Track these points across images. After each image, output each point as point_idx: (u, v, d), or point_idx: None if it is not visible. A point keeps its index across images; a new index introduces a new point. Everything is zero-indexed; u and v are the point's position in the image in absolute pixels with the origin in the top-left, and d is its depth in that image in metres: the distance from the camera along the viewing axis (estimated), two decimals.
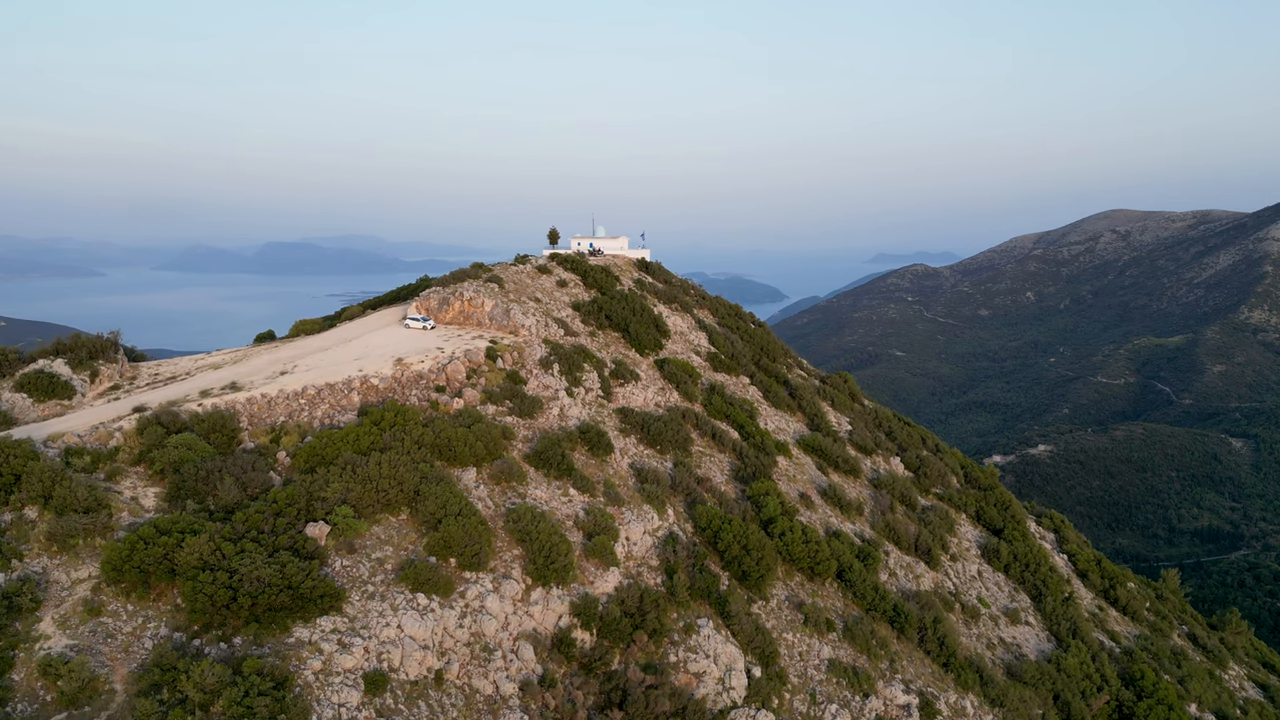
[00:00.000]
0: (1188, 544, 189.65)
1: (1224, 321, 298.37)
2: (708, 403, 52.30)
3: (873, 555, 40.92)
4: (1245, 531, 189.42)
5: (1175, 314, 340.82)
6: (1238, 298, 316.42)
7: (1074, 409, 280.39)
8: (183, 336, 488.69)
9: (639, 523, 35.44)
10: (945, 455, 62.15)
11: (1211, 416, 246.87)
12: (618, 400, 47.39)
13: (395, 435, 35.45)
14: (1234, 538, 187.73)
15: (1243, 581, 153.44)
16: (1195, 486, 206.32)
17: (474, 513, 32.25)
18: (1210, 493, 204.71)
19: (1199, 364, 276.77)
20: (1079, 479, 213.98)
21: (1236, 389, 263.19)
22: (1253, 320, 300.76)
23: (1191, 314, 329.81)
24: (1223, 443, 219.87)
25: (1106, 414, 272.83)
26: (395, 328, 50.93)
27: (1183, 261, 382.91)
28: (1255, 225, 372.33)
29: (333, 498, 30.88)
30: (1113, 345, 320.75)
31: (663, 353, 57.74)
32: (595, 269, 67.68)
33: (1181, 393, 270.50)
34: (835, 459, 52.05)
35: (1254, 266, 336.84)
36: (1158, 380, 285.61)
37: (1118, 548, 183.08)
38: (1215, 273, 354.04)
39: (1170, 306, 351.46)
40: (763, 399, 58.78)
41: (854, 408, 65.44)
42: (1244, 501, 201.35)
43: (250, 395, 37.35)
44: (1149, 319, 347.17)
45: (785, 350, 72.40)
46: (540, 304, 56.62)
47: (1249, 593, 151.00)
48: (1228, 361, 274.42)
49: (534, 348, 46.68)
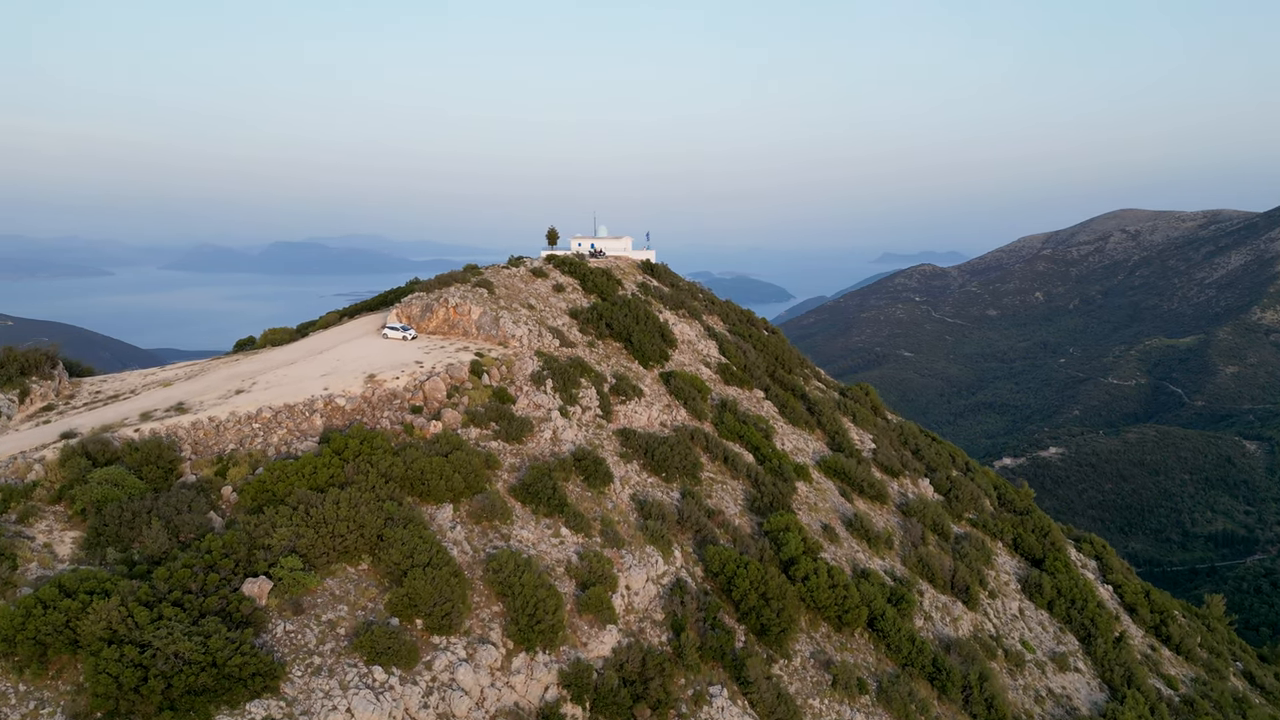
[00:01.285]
0: (1201, 548, 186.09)
1: (1236, 322, 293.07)
2: (719, 421, 48.06)
3: (907, 598, 36.25)
4: (1260, 536, 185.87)
5: (1186, 314, 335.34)
6: (1249, 298, 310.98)
7: (1084, 410, 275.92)
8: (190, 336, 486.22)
9: (641, 568, 30.72)
10: (976, 475, 57.30)
11: (1224, 418, 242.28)
12: (618, 420, 42.75)
13: (359, 467, 30.74)
14: (1248, 542, 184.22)
15: (1259, 588, 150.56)
16: (1209, 490, 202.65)
17: (447, 561, 27.51)
18: (1224, 496, 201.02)
19: (1211, 365, 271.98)
20: (1091, 482, 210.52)
21: (1249, 390, 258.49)
22: (1265, 321, 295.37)
23: (1203, 314, 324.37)
24: (1236, 445, 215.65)
25: (1117, 416, 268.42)
26: (373, 338, 46.35)
27: (1193, 261, 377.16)
28: (1267, 225, 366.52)
29: (279, 545, 26.13)
30: (1123, 346, 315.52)
31: (669, 364, 53.40)
32: (595, 272, 63.11)
33: (1194, 394, 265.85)
34: (860, 483, 47.74)
35: (1266, 266, 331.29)
36: (1169, 381, 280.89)
37: (1130, 552, 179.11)
38: (1226, 273, 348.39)
39: (1181, 307, 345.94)
40: (779, 415, 54.49)
41: (877, 423, 60.82)
42: (1258, 505, 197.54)
43: (196, 419, 32.67)
44: (1159, 319, 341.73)
45: (801, 360, 67.59)
46: (534, 311, 52.30)
47: (1265, 599, 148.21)
48: (1240, 363, 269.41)
49: (525, 361, 42.16)
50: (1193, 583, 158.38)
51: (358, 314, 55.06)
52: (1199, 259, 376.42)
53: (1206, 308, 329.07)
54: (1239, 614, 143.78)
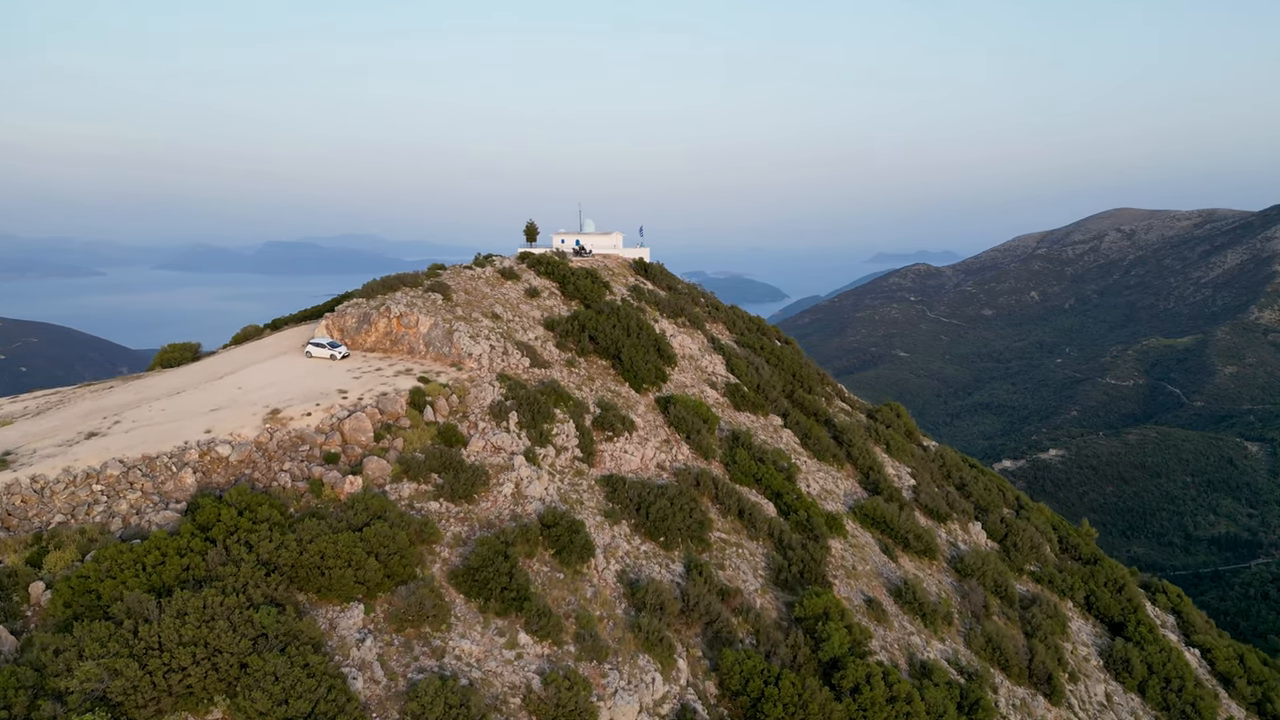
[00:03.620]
0: (1204, 552, 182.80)
1: (1234, 322, 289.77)
2: (730, 460, 39.14)
3: (982, 702, 27.86)
4: (1264, 539, 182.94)
5: (1183, 314, 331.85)
6: (1247, 297, 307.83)
7: (1083, 411, 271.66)
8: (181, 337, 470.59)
9: (631, 692, 21.98)
10: (1030, 513, 48.96)
11: (1224, 419, 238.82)
12: (603, 462, 33.97)
13: (231, 551, 21.51)
14: (1252, 545, 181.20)
15: (1266, 594, 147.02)
16: (1211, 492, 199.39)
17: (345, 702, 18.29)
18: (1226, 498, 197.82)
19: (1210, 365, 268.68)
20: (1092, 484, 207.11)
21: (1249, 391, 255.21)
22: (1263, 320, 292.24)
23: (1200, 314, 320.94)
24: (1238, 447, 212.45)
25: (1116, 416, 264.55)
26: (294, 356, 37.31)
27: (1189, 261, 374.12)
28: (1262, 224, 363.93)
29: (80, 690, 16.84)
30: (1120, 346, 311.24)
31: (667, 385, 44.69)
32: (578, 273, 54.80)
33: (1192, 394, 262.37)
34: (905, 534, 39.70)
35: (1263, 266, 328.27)
36: (1167, 382, 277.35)
37: (1133, 556, 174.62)
38: (1223, 272, 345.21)
39: (1178, 306, 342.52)
40: (801, 447, 45.92)
41: (914, 452, 52.21)
42: (1261, 508, 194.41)
43: (15, 478, 23.26)
44: (1156, 319, 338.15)
45: (821, 376, 59.65)
46: (500, 322, 43.77)
47: (1274, 605, 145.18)
48: (1239, 363, 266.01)
49: (484, 387, 33.51)
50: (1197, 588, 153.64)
51: (285, 326, 45.57)
52: (1195, 258, 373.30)
53: (1203, 307, 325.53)
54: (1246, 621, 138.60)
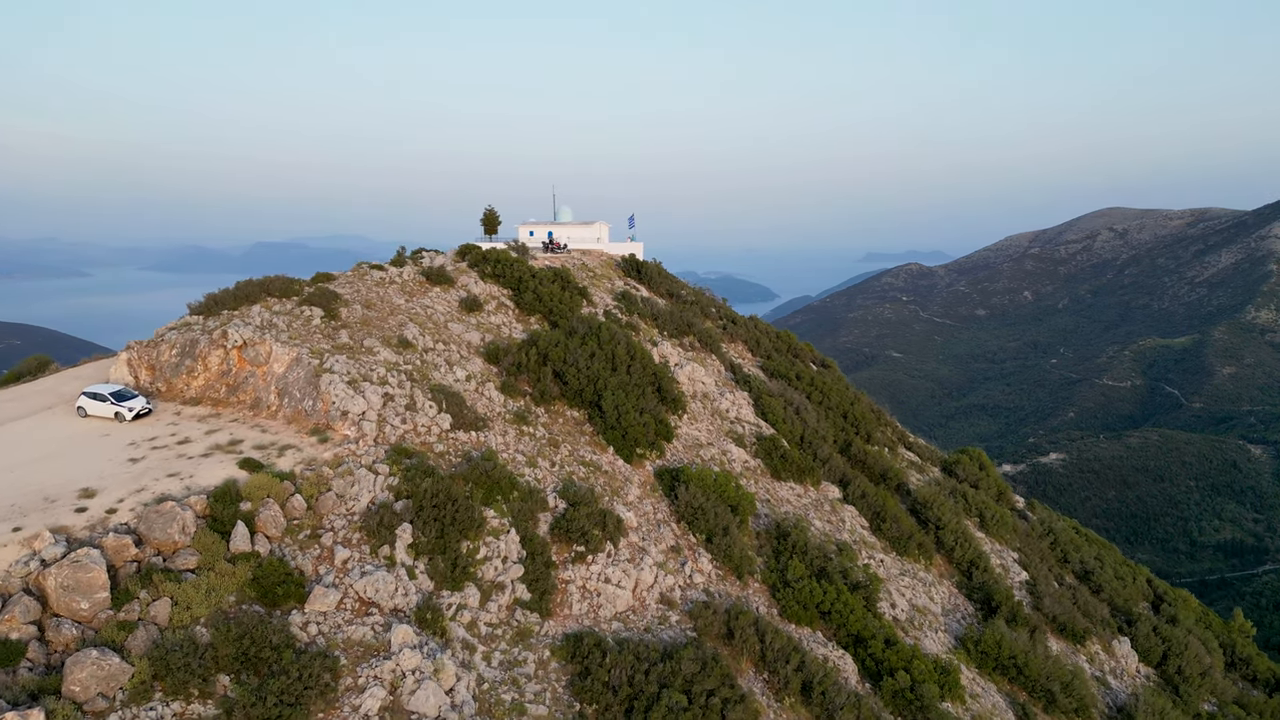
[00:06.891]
0: (1210, 558, 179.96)
1: (1231, 322, 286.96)
2: (778, 577, 24.72)
3: None
4: (1270, 545, 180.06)
5: (1178, 314, 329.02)
6: (1243, 297, 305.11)
7: (1080, 413, 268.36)
8: None
9: None
10: (1177, 607, 36.76)
11: (1224, 420, 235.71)
12: (568, 605, 19.93)
13: None
14: (1258, 551, 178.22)
15: (1278, 603, 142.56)
16: (1215, 497, 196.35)
17: None
18: (1231, 503, 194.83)
19: (1208, 366, 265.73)
20: (1094, 489, 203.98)
21: (1248, 392, 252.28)
22: (1260, 320, 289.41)
23: (1195, 314, 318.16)
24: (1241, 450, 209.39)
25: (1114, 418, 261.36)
26: (59, 414, 24.65)
27: (1183, 260, 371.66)
28: (1256, 223, 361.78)
29: None
30: (1116, 346, 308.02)
31: (673, 446, 30.03)
32: (542, 276, 39.71)
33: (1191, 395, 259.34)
34: (1047, 685, 25.49)
35: (1258, 265, 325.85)
36: (1165, 383, 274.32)
37: (1140, 563, 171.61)
38: (1217, 271, 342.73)
39: (1173, 306, 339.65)
40: (871, 534, 31.36)
41: (1013, 524, 37.79)
42: (1267, 512, 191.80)
43: None
44: (1151, 319, 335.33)
45: (877, 414, 43.07)
46: (409, 353, 29.25)
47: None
48: (1237, 363, 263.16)
49: (358, 476, 20.49)
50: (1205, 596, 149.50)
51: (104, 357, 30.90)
52: (1188, 257, 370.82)
53: (1198, 307, 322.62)
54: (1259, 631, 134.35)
